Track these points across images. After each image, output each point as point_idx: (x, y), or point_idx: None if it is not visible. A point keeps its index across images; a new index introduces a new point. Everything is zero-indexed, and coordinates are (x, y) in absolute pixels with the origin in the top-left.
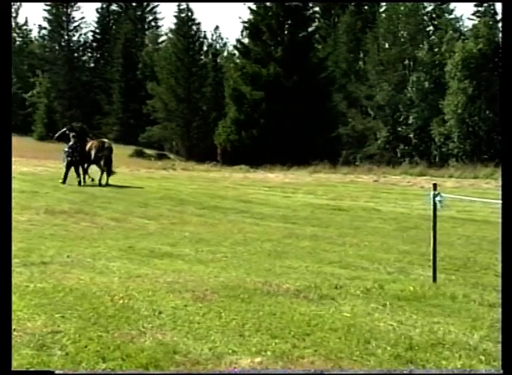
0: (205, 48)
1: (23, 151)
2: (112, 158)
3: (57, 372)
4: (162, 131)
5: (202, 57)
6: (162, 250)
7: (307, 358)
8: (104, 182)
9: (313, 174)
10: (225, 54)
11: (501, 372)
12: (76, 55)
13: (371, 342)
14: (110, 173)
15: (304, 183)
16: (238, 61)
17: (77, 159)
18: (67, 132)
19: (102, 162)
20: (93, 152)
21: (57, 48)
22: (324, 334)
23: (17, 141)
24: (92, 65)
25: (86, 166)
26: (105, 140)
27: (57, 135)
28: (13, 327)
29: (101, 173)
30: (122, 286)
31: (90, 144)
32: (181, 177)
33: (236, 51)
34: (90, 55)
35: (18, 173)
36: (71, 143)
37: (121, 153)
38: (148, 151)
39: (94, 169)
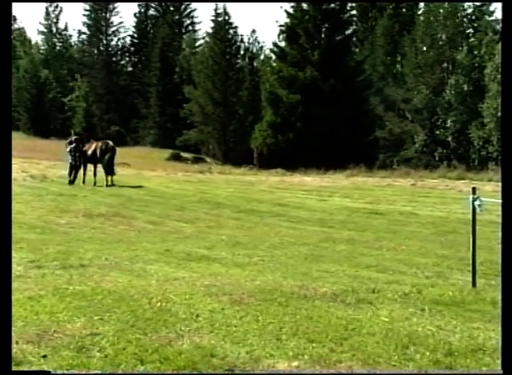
0: (242, 52)
1: (61, 155)
2: (114, 160)
3: (53, 372)
4: (199, 135)
5: (239, 61)
6: (199, 253)
7: (344, 362)
8: (109, 183)
9: (349, 178)
10: (262, 57)
11: (501, 372)
12: (114, 59)
13: (410, 347)
14: (111, 173)
15: (341, 186)
16: (274, 64)
17: (77, 161)
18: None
19: (105, 163)
20: (98, 153)
21: (95, 52)
22: (361, 339)
23: (56, 145)
24: (130, 69)
25: (93, 167)
26: (109, 141)
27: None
28: (53, 329)
29: (106, 175)
30: (160, 289)
31: (95, 146)
32: (218, 181)
33: (272, 55)
34: (128, 59)
35: (57, 177)
36: (72, 146)
37: (158, 156)
38: (185, 155)
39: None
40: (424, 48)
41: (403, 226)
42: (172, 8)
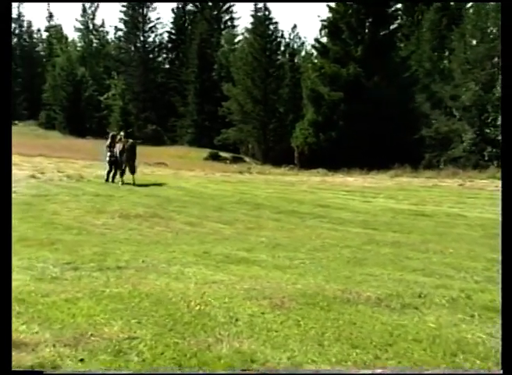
0: (282, 48)
1: (98, 154)
2: (135, 158)
3: (47, 372)
4: (238, 134)
5: (279, 57)
6: (238, 255)
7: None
8: (131, 181)
9: (394, 178)
10: (303, 54)
11: (501, 372)
12: (151, 56)
13: (459, 355)
14: (131, 171)
15: (385, 187)
16: (316, 61)
17: (110, 159)
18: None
19: (124, 161)
20: (118, 152)
21: (132, 49)
22: (407, 345)
23: (92, 144)
24: (167, 66)
25: (123, 166)
26: (129, 140)
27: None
28: (90, 332)
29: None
30: (198, 292)
31: (118, 146)
32: (257, 181)
33: (314, 51)
34: (165, 56)
35: (94, 177)
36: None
37: (196, 156)
38: (223, 154)
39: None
40: (474, 43)
41: (451, 229)
42: (210, 4)
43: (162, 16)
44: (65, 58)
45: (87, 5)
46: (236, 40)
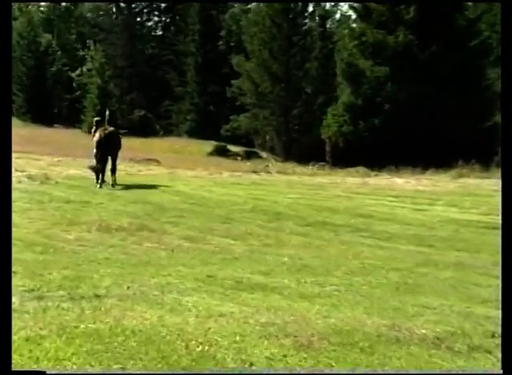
0: (311, 9)
1: (69, 148)
2: (117, 153)
3: (48, 372)
4: (252, 121)
5: (306, 21)
6: (252, 280)
7: None
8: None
9: (457, 179)
10: (338, 16)
11: (501, 372)
12: (138, 19)
13: None
14: (112, 170)
15: (445, 191)
16: (355, 26)
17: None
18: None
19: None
20: (95, 143)
21: (114, 10)
22: None
23: (62, 135)
24: (159, 33)
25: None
26: (108, 127)
27: None
28: None
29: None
30: (201, 328)
31: (98, 135)
32: (277, 183)
33: (352, 13)
34: (157, 19)
35: (63, 177)
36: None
37: (197, 150)
38: (233, 148)
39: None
40: None
41: None
42: None
43: None
44: (24, 21)
45: None
46: None
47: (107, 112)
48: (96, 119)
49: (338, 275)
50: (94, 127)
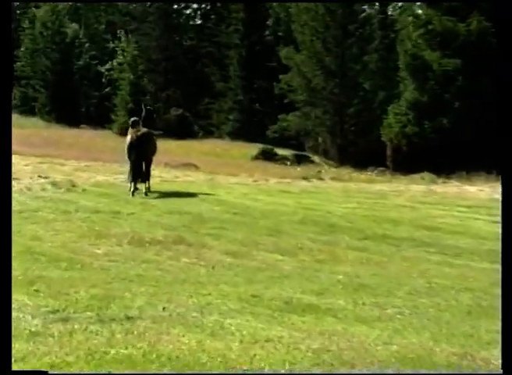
0: None
1: (98, 152)
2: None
3: (50, 372)
4: (303, 121)
5: (365, 7)
6: (303, 301)
7: None
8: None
9: None
10: (401, 2)
11: (501, 372)
12: (175, 7)
13: None
14: (145, 177)
15: None
16: (421, 12)
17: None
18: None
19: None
20: (126, 146)
21: None
22: None
23: (90, 137)
24: (198, 22)
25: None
26: (142, 129)
27: None
28: None
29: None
30: (245, 354)
31: (129, 137)
32: (331, 191)
33: None
34: (195, 6)
35: (91, 184)
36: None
37: (240, 154)
38: (281, 152)
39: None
40: None
41: None
42: None
43: None
44: (48, 9)
45: None
46: None
47: (143, 111)
48: (133, 119)
49: (401, 296)
50: (130, 129)
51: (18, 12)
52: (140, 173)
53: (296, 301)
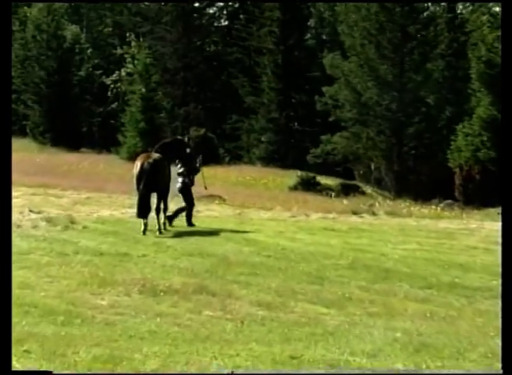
0: None
1: (102, 181)
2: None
3: (55, 372)
4: (351, 143)
5: (428, 4)
6: (353, 364)
7: None
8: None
9: None
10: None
11: (501, 372)
12: (196, 5)
13: None
14: (156, 210)
15: None
16: (498, 10)
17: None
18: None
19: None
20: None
21: None
22: None
23: (92, 163)
24: (224, 23)
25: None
26: (153, 154)
27: None
28: None
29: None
30: None
31: (138, 163)
32: (386, 228)
33: None
34: (221, 4)
35: (94, 220)
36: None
37: (275, 183)
38: (325, 181)
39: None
40: None
41: None
42: None
43: None
44: (43, 8)
45: None
46: None
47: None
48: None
49: (474, 359)
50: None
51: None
52: (147, 206)
53: (344, 365)
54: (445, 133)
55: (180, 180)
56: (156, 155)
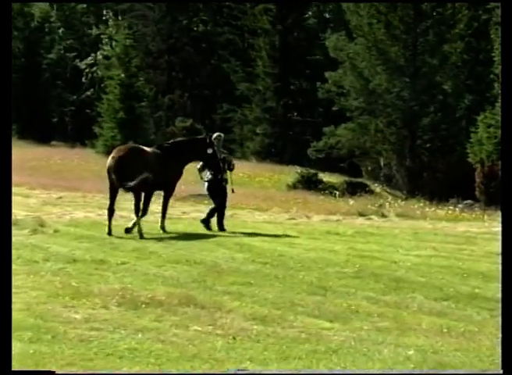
0: None
1: (76, 179)
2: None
3: (58, 372)
4: (358, 136)
5: None
6: None
7: None
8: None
9: None
10: None
11: (501, 372)
12: None
13: None
14: (135, 210)
15: None
16: None
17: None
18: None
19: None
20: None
21: None
22: None
23: (64, 158)
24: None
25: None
26: (130, 143)
27: None
28: None
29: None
30: None
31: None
32: (396, 232)
33: None
34: None
35: (66, 224)
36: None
37: (272, 181)
38: (328, 178)
39: None
40: None
41: None
42: None
43: None
44: None
45: None
46: None
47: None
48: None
49: None
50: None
51: None
52: (111, 206)
53: None
54: (464, 124)
55: (208, 176)
56: (130, 146)
